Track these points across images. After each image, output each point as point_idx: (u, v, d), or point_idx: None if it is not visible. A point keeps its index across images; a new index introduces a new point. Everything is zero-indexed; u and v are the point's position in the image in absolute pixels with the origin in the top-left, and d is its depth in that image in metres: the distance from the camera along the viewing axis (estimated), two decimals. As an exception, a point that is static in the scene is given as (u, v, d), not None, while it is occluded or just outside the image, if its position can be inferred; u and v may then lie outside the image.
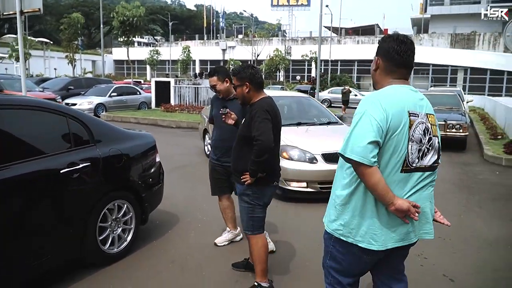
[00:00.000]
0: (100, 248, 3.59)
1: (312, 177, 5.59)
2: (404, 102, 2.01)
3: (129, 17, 22.41)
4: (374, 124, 1.91)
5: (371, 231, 2.04)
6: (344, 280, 2.25)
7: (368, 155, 1.89)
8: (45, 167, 3.13)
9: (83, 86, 19.99)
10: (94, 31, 74.84)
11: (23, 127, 3.19)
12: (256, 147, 2.95)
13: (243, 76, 3.16)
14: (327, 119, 7.37)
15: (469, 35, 44.69)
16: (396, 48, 2.08)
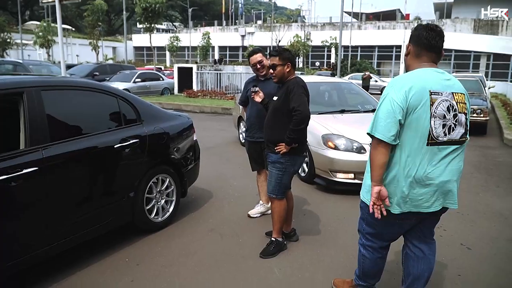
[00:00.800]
0: (147, 216, 4.00)
1: (360, 168, 4.90)
2: (426, 82, 2.26)
3: (151, 4, 22.76)
4: (394, 105, 2.22)
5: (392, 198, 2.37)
6: (377, 243, 2.61)
7: (388, 133, 2.23)
8: (102, 142, 3.52)
9: (108, 72, 20.50)
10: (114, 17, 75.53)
11: (84, 106, 3.59)
12: (296, 117, 3.34)
13: (286, 56, 3.57)
14: (371, 106, 6.90)
15: (493, 21, 43.69)
16: (425, 34, 2.34)
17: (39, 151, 2.98)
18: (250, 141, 4.36)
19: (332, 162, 5.32)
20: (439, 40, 2.36)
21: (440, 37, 2.37)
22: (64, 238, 3.17)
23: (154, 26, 24.57)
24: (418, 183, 2.32)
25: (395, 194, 2.35)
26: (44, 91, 3.17)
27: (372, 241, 2.62)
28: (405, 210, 2.37)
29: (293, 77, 3.60)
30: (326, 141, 5.47)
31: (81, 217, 3.31)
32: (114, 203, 3.62)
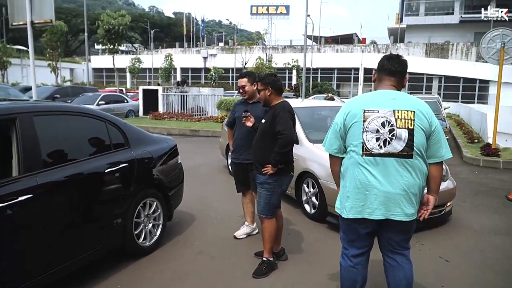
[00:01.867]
0: (136, 241, 3.96)
1: None
2: (363, 102, 2.64)
3: (114, 25, 22.61)
4: (335, 125, 2.70)
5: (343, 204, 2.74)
6: (349, 250, 2.82)
7: (331, 147, 2.76)
8: (94, 167, 3.50)
9: (69, 95, 19.99)
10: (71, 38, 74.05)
11: (75, 131, 3.57)
12: (281, 140, 3.50)
13: (267, 81, 3.75)
14: None
15: (443, 45, 46.42)
16: (385, 62, 2.76)
17: (33, 177, 2.94)
18: (237, 162, 4.44)
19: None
20: (398, 67, 2.71)
21: (399, 64, 2.72)
22: (58, 266, 3.10)
23: (117, 48, 24.32)
24: (359, 190, 2.61)
25: (344, 199, 2.70)
26: (36, 116, 3.15)
27: (345, 248, 2.85)
28: (350, 216, 2.65)
29: (280, 101, 3.76)
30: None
31: (74, 243, 3.26)
32: (105, 228, 3.58)
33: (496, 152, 9.48)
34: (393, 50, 47.99)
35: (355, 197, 2.64)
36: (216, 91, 21.88)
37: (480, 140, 12.19)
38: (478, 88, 42.82)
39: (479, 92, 42.73)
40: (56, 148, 3.35)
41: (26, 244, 2.87)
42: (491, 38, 9.83)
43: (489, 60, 10.05)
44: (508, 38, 9.61)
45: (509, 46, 9.60)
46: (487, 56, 9.97)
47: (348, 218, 2.69)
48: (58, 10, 72.23)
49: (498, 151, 9.60)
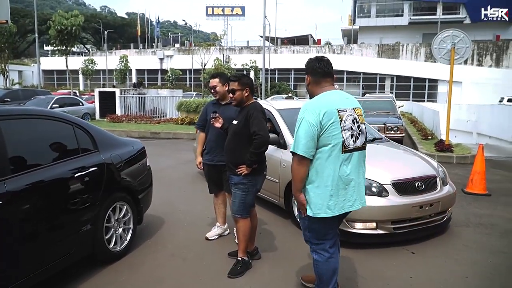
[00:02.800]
0: (106, 246, 3.88)
1: (383, 215, 4.25)
2: (333, 103, 2.76)
3: (67, 26, 21.80)
4: (311, 126, 2.67)
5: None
6: (325, 243, 2.95)
7: (307, 150, 2.69)
8: (63, 172, 3.40)
9: (21, 98, 19.18)
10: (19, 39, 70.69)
11: (42, 135, 3.46)
12: (257, 141, 3.55)
13: (245, 82, 3.78)
14: (370, 135, 5.70)
15: (394, 46, 48.22)
16: (317, 65, 2.88)
17: (2, 184, 2.83)
18: (210, 164, 4.43)
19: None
20: (330, 67, 2.91)
21: (330, 65, 2.91)
22: (27, 275, 2.99)
23: (70, 49, 23.47)
24: (340, 186, 2.77)
25: (327, 199, 2.75)
26: (2, 121, 3.03)
27: (318, 243, 2.94)
28: (336, 213, 2.79)
29: (251, 102, 3.80)
30: None
31: (43, 250, 3.15)
32: (75, 234, 3.48)
33: (449, 148, 9.98)
34: (347, 51, 49.40)
35: (338, 194, 2.76)
36: (175, 93, 21.64)
37: (434, 137, 12.79)
38: (427, 87, 44.86)
39: (429, 90, 44.80)
40: (24, 153, 3.23)
41: (-6, 254, 2.76)
42: (442, 39, 10.35)
43: (441, 60, 10.57)
44: (458, 38, 10.17)
45: (459, 46, 10.15)
46: (438, 56, 10.48)
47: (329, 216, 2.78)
48: (4, 10, 68.63)
49: (451, 146, 10.11)
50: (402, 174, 4.53)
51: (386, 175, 4.45)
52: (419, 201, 4.36)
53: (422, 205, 4.37)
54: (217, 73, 4.49)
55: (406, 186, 4.42)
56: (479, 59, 44.25)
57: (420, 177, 4.55)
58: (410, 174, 4.59)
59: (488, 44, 44.36)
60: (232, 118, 3.91)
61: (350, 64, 46.43)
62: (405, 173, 4.59)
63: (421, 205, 4.36)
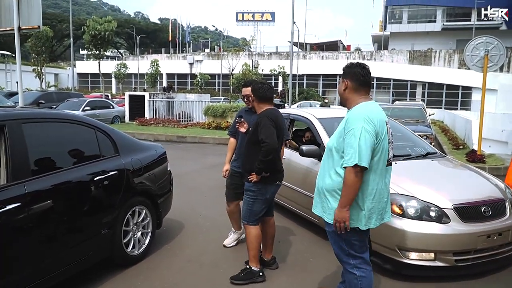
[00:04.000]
0: (124, 250, 3.91)
1: (444, 244, 3.67)
2: (382, 114, 2.70)
3: (100, 31, 22.44)
4: (372, 135, 2.55)
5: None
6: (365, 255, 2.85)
7: (369, 161, 2.55)
8: (83, 175, 3.46)
9: (55, 100, 19.76)
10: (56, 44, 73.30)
11: (64, 138, 3.53)
12: (264, 148, 3.49)
13: (252, 88, 3.82)
14: (422, 148, 5.26)
15: (426, 52, 47.20)
16: (360, 71, 2.75)
17: (22, 186, 2.89)
18: (233, 170, 4.39)
19: (401, 236, 3.66)
20: (370, 76, 2.80)
21: (370, 74, 2.80)
22: (45, 275, 3.04)
23: (103, 54, 24.14)
24: (381, 199, 2.71)
25: (363, 210, 2.66)
26: (24, 124, 3.10)
27: (358, 257, 2.79)
28: (376, 225, 2.74)
29: (263, 109, 3.76)
30: (391, 204, 3.57)
31: (62, 252, 3.20)
32: (94, 236, 3.52)
33: (481, 159, 9.63)
34: (377, 57, 48.68)
35: (379, 206, 2.72)
36: (202, 97, 21.83)
37: (465, 147, 12.38)
38: (461, 94, 43.61)
39: (462, 98, 43.52)
40: (45, 156, 3.31)
41: (13, 253, 2.81)
42: (474, 46, 10.02)
43: (473, 68, 10.23)
44: (492, 45, 9.82)
45: (492, 53, 9.80)
46: (471, 64, 10.15)
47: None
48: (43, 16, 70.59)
49: (483, 157, 9.76)
50: (465, 197, 3.91)
51: (447, 197, 3.83)
52: (486, 230, 3.72)
53: (490, 234, 3.72)
54: (249, 81, 4.43)
55: (470, 211, 3.78)
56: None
57: (486, 201, 3.90)
58: (475, 197, 3.96)
59: (527, 51, 42.77)
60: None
61: (380, 71, 45.74)
62: (468, 195, 3.96)
63: (488, 234, 3.71)
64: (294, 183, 5.09)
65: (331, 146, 2.76)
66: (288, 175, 4.98)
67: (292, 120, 5.73)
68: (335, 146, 2.71)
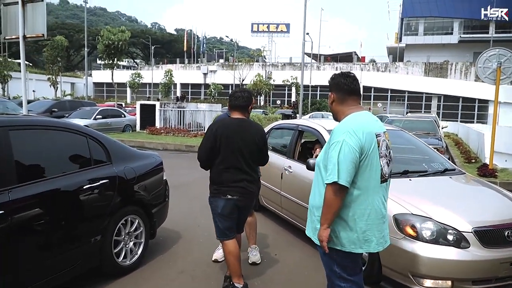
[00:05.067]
0: (115, 260, 3.84)
1: (463, 272, 3.35)
2: (371, 126, 2.48)
3: (114, 41, 22.76)
4: (353, 151, 2.35)
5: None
6: (356, 277, 2.64)
7: (349, 179, 2.35)
8: (71, 183, 3.41)
9: (67, 109, 20.01)
10: (73, 53, 74.83)
11: (53, 145, 3.49)
12: None
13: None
14: (440, 164, 4.86)
15: (442, 64, 46.73)
16: (343, 81, 2.58)
17: (6, 193, 2.85)
18: None
19: (415, 261, 3.35)
20: (356, 84, 2.60)
21: (357, 81, 2.62)
22: (30, 285, 2.98)
23: (116, 63, 24.45)
24: (379, 220, 2.50)
25: (355, 231, 2.45)
26: (12, 131, 3.07)
27: (351, 280, 2.61)
28: (378, 249, 2.53)
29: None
30: (403, 225, 3.48)
31: (48, 261, 3.14)
32: (82, 246, 3.46)
33: (493, 173, 9.36)
34: (392, 69, 48.37)
35: (377, 229, 2.51)
36: (213, 107, 21.87)
37: (478, 160, 12.09)
38: (477, 107, 42.95)
39: (479, 111, 42.87)
40: (33, 164, 3.28)
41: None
42: (487, 58, 9.82)
43: (486, 80, 10.02)
44: (505, 58, 9.60)
45: (505, 66, 9.58)
46: (483, 76, 9.94)
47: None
48: (62, 26, 73.32)
49: (495, 171, 9.49)
50: (487, 219, 3.55)
51: (467, 219, 3.47)
52: (510, 256, 3.37)
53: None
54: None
55: (492, 235, 3.42)
56: (531, 80, 41.88)
57: (510, 224, 3.54)
58: (497, 219, 3.59)
59: (545, 64, 41.92)
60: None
61: (394, 82, 45.42)
62: (490, 217, 3.60)
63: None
64: (299, 198, 4.79)
65: (319, 162, 2.58)
66: (293, 189, 4.93)
67: (301, 131, 5.38)
68: (323, 162, 2.53)
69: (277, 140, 6.07)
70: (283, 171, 5.17)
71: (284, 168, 5.15)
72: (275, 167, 5.33)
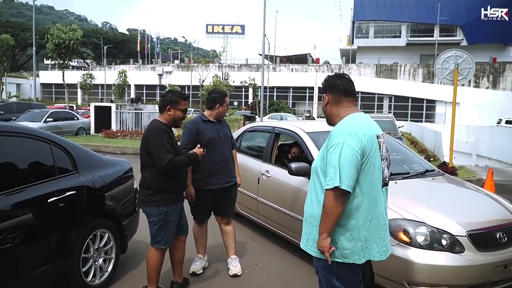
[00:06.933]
0: (83, 280, 3.46)
1: (459, 278, 3.25)
2: (371, 127, 2.37)
3: (65, 40, 21.59)
4: (354, 153, 2.21)
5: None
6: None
7: (352, 183, 2.21)
8: (34, 196, 3.02)
9: (14, 111, 18.82)
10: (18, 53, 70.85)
11: (8, 154, 3.07)
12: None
13: None
14: (419, 165, 4.77)
15: (392, 66, 48.41)
16: (338, 82, 2.47)
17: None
18: (213, 189, 4.01)
19: (410, 268, 3.21)
20: (352, 85, 2.50)
21: (352, 83, 2.51)
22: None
23: (67, 63, 23.24)
24: (381, 227, 2.36)
25: (359, 240, 2.29)
26: (-38, 138, 2.66)
27: None
28: (382, 258, 2.39)
29: None
30: (396, 231, 3.34)
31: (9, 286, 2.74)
32: (47, 266, 3.07)
33: (453, 171, 9.62)
34: (345, 70, 49.47)
35: (379, 236, 2.37)
36: (172, 109, 21.27)
37: (436, 159, 12.46)
38: (425, 107, 44.82)
39: (427, 111, 44.77)
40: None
41: None
42: (445, 59, 10.09)
43: (444, 81, 10.31)
44: (461, 59, 9.92)
45: (462, 67, 9.89)
46: (441, 77, 10.23)
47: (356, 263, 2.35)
48: (6, 24, 69.20)
49: (455, 169, 9.77)
50: (478, 222, 3.46)
51: (459, 223, 3.36)
52: (503, 259, 3.29)
53: (507, 263, 3.30)
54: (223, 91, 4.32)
55: (485, 239, 3.33)
56: (476, 81, 44.32)
57: (501, 226, 3.46)
58: (488, 220, 3.53)
59: (485, 66, 44.52)
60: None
61: (348, 84, 46.45)
62: (481, 219, 3.53)
63: (505, 264, 3.29)
64: (279, 203, 4.56)
65: (316, 167, 2.41)
66: (273, 195, 4.70)
67: (278, 134, 5.11)
68: (321, 167, 2.36)
69: (251, 143, 5.81)
70: (259, 176, 4.91)
71: (261, 173, 4.89)
72: (251, 171, 5.09)
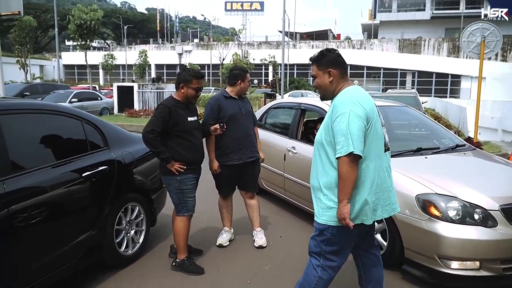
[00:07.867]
0: (117, 251, 3.63)
1: (491, 251, 3.23)
2: (369, 97, 2.51)
3: (86, 20, 21.81)
4: (361, 120, 2.34)
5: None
6: (337, 261, 2.56)
7: (362, 148, 2.32)
8: (69, 171, 3.16)
9: (40, 92, 19.22)
10: (41, 34, 71.81)
11: (47, 131, 3.22)
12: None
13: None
14: (449, 140, 4.66)
15: (416, 41, 47.09)
16: (340, 57, 2.57)
17: (1, 184, 2.59)
18: (237, 164, 4.12)
19: (442, 243, 3.21)
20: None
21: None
22: (29, 283, 2.76)
23: (89, 44, 23.52)
24: (385, 187, 2.50)
25: (366, 204, 2.40)
26: (3, 115, 2.79)
27: (332, 260, 2.55)
28: (383, 216, 2.54)
29: None
30: (427, 205, 3.32)
31: (48, 256, 2.91)
32: (83, 237, 3.24)
33: (479, 146, 9.45)
34: (367, 46, 48.53)
35: (383, 197, 2.50)
36: (193, 88, 21.39)
37: (461, 134, 12.25)
38: (450, 82, 43.69)
39: (451, 86, 43.62)
40: (27, 151, 3.00)
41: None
42: (471, 32, 9.81)
43: (470, 54, 10.05)
44: (488, 32, 9.62)
45: (489, 39, 9.61)
46: (467, 50, 9.96)
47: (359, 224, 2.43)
48: (27, 6, 69.81)
49: (480, 145, 9.60)
50: (511, 196, 3.40)
51: (492, 197, 3.32)
52: None
53: None
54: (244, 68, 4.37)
55: None
56: (503, 54, 42.75)
57: None
58: None
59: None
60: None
61: (370, 59, 45.55)
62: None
63: None
64: (307, 180, 4.63)
65: (321, 139, 2.50)
66: (299, 171, 4.71)
67: (303, 110, 5.12)
68: (325, 138, 2.46)
69: (276, 120, 5.86)
70: (286, 152, 4.97)
71: (287, 149, 4.94)
72: (277, 148, 5.15)
